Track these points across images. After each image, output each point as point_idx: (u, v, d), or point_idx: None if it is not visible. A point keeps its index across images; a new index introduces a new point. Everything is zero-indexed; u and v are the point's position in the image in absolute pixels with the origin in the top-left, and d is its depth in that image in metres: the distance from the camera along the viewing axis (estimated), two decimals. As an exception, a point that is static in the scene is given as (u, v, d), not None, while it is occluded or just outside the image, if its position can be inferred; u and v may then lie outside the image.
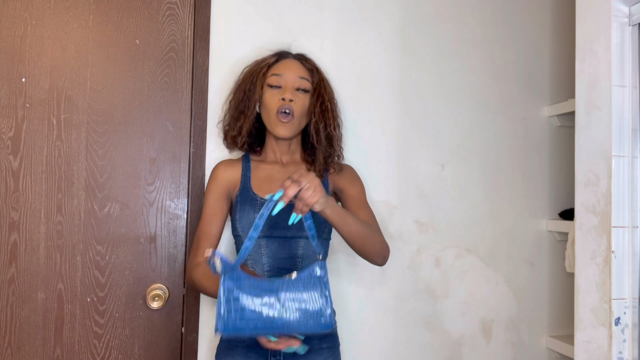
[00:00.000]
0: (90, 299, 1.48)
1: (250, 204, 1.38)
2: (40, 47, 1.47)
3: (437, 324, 1.72)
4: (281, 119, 1.37)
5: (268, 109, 1.39)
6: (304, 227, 1.29)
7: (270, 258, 1.36)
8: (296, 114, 1.39)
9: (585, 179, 1.35)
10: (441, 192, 1.75)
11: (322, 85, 1.44)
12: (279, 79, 1.39)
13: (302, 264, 1.37)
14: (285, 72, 1.40)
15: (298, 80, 1.40)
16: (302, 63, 1.44)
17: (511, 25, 1.84)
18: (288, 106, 1.36)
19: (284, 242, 1.37)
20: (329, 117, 1.43)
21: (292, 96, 1.37)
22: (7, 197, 1.43)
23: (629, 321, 1.26)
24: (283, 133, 1.39)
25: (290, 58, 1.45)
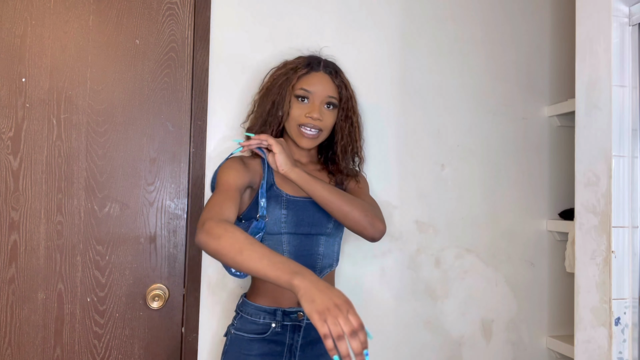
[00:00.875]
0: (90, 299, 1.48)
1: (276, 200, 1.35)
2: (40, 47, 1.47)
3: (437, 324, 1.72)
4: (305, 134, 1.38)
5: (292, 119, 1.39)
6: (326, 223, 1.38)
7: (291, 255, 1.35)
8: (324, 129, 1.40)
9: (585, 179, 1.35)
10: (441, 192, 1.75)
11: (350, 105, 1.45)
12: (307, 94, 1.39)
13: (323, 262, 1.38)
14: (314, 88, 1.39)
15: (326, 99, 1.40)
16: (332, 79, 1.43)
17: (511, 25, 1.84)
18: (315, 125, 1.37)
19: (306, 239, 1.37)
20: (356, 138, 1.46)
21: (319, 115, 1.37)
22: (7, 197, 1.43)
23: (629, 321, 1.26)
24: (307, 145, 1.39)
25: (321, 71, 1.42)
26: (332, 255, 1.41)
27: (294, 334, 1.34)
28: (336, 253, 1.43)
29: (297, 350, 1.33)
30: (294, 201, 1.37)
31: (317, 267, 1.37)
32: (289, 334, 1.33)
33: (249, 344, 1.33)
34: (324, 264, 1.39)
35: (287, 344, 1.33)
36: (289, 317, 1.33)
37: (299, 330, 1.34)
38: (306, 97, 1.39)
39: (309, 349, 1.35)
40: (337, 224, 1.41)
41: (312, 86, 1.39)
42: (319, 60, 1.44)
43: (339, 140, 1.45)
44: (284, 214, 1.34)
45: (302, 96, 1.39)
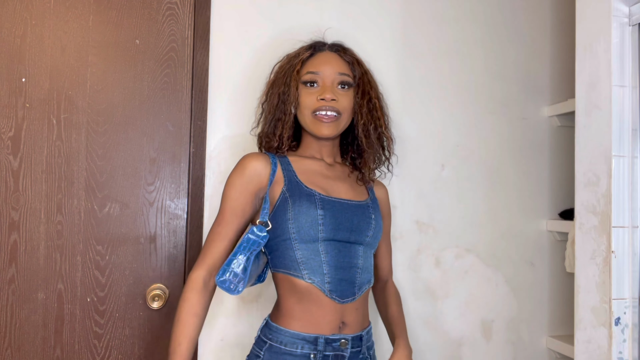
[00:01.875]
0: (90, 299, 1.48)
1: (308, 199, 1.17)
2: (40, 47, 1.47)
3: (437, 324, 1.72)
4: (322, 118, 1.21)
5: (303, 108, 1.23)
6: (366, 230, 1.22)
7: (331, 267, 1.16)
8: (342, 112, 1.23)
9: (585, 179, 1.35)
10: (441, 192, 1.75)
11: (365, 80, 1.27)
12: (315, 77, 1.23)
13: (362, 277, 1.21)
14: (321, 68, 1.23)
15: (338, 77, 1.23)
16: (341, 55, 1.27)
17: (511, 25, 1.84)
18: (330, 107, 1.21)
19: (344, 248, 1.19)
20: (379, 115, 1.27)
21: (333, 95, 1.21)
22: (7, 197, 1.43)
23: (629, 321, 1.26)
24: (326, 132, 1.21)
25: (326, 50, 1.28)
26: (370, 269, 1.24)
27: None
28: (372, 267, 1.25)
29: None
30: (330, 201, 1.19)
31: (356, 283, 1.18)
32: None
33: None
34: (362, 279, 1.20)
35: None
36: (331, 345, 1.14)
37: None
38: (314, 81, 1.23)
39: None
40: (378, 233, 1.25)
41: (319, 67, 1.23)
42: (324, 43, 1.32)
43: (358, 121, 1.26)
44: (321, 214, 1.16)
45: (309, 81, 1.23)
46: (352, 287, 1.18)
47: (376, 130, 1.28)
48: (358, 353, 1.19)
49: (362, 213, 1.22)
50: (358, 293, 1.19)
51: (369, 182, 1.31)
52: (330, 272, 1.15)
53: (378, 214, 1.27)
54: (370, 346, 1.26)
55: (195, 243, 1.54)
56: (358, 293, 1.19)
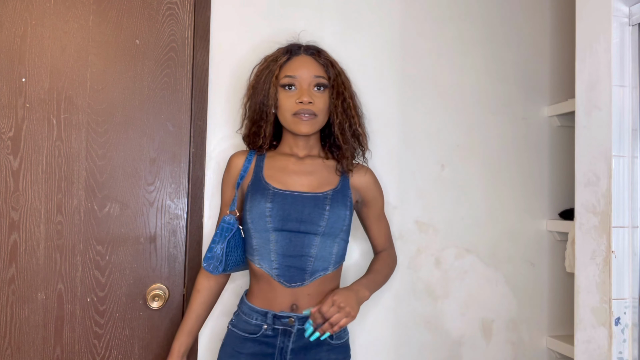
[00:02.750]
0: (90, 299, 1.48)
1: (262, 193, 1.33)
2: (40, 47, 1.47)
3: (437, 324, 1.72)
4: (302, 118, 1.32)
5: (283, 111, 1.34)
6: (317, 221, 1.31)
7: (279, 255, 1.31)
8: (318, 113, 1.34)
9: (585, 179, 1.35)
10: (441, 192, 1.75)
11: (339, 81, 1.37)
12: (292, 80, 1.33)
13: (314, 265, 1.32)
14: (298, 72, 1.33)
15: (314, 80, 1.34)
16: (316, 58, 1.37)
17: (511, 25, 1.84)
18: (308, 110, 1.32)
19: (295, 238, 1.31)
20: (353, 114, 1.38)
21: (309, 97, 1.32)
22: (7, 197, 1.43)
23: (629, 321, 1.26)
24: (305, 130, 1.33)
25: (302, 54, 1.37)
26: (328, 258, 1.34)
27: (285, 337, 1.31)
28: (335, 256, 1.35)
29: (288, 354, 1.31)
30: (282, 195, 1.32)
31: (306, 270, 1.31)
32: (280, 337, 1.31)
33: (242, 342, 1.33)
34: (315, 267, 1.32)
35: (277, 346, 1.31)
36: (280, 321, 1.31)
37: (289, 335, 1.31)
38: (292, 85, 1.33)
39: (302, 354, 1.32)
40: (336, 223, 1.33)
41: (295, 71, 1.33)
42: (299, 45, 1.40)
43: (334, 120, 1.37)
44: (269, 207, 1.30)
45: (287, 84, 1.33)
46: (302, 273, 1.31)
47: (351, 127, 1.38)
48: None
49: (315, 205, 1.32)
50: (309, 279, 1.32)
51: (347, 172, 1.41)
52: (278, 259, 1.31)
53: (338, 205, 1.35)
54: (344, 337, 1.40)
55: (195, 243, 1.54)
56: (309, 279, 1.32)
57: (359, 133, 1.40)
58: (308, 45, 1.40)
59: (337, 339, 1.35)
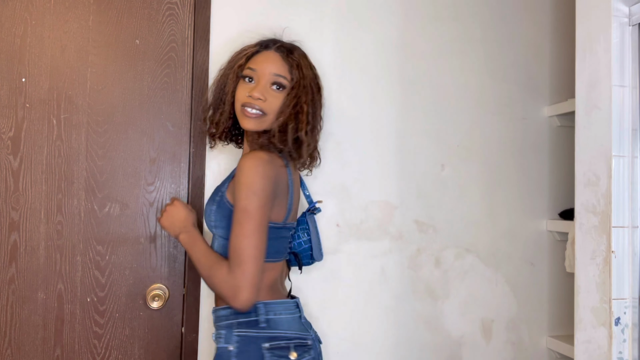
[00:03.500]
0: (90, 299, 1.48)
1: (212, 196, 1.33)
2: (40, 47, 1.47)
3: (437, 324, 1.72)
4: (246, 113, 1.25)
5: (236, 100, 1.29)
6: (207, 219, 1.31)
7: None
8: (268, 112, 1.26)
9: (585, 179, 1.35)
10: (441, 192, 1.75)
11: (301, 84, 1.28)
12: (252, 73, 1.28)
13: None
14: (260, 66, 1.27)
15: (272, 77, 1.26)
16: (284, 57, 1.29)
17: (511, 25, 1.84)
18: (255, 105, 1.25)
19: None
20: (302, 119, 1.26)
21: (261, 95, 1.25)
22: (7, 197, 1.43)
23: (629, 321, 1.26)
24: (248, 126, 1.26)
25: (272, 49, 1.30)
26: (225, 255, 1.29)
27: None
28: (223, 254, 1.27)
29: None
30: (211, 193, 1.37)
31: None
32: None
33: None
34: None
35: None
36: None
37: None
38: (251, 78, 1.28)
39: None
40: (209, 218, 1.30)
41: (258, 64, 1.28)
42: (275, 41, 1.34)
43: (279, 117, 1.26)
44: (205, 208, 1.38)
45: (247, 75, 1.28)
46: None
47: (295, 131, 1.26)
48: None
49: (212, 201, 1.30)
50: None
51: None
52: None
53: (212, 199, 1.30)
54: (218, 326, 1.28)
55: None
56: None
57: (301, 140, 1.26)
58: (283, 43, 1.34)
59: None
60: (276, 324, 1.23)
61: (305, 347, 1.24)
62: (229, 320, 1.24)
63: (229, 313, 1.25)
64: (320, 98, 1.34)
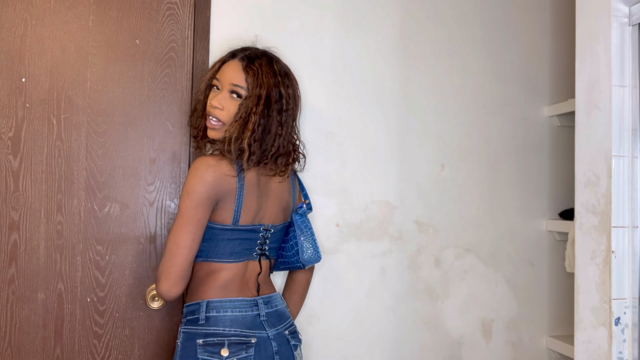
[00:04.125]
0: (90, 299, 1.48)
1: None
2: (40, 47, 1.47)
3: (437, 324, 1.72)
4: (208, 123, 1.35)
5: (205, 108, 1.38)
6: None
7: None
8: (225, 121, 1.32)
9: (585, 179, 1.35)
10: (441, 192, 1.75)
11: (255, 93, 1.30)
12: (217, 82, 1.36)
13: None
14: (222, 75, 1.35)
15: (230, 87, 1.33)
16: (243, 66, 1.33)
17: (511, 25, 1.84)
18: (213, 114, 1.32)
19: None
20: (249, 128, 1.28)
21: (219, 103, 1.31)
22: (7, 197, 1.43)
23: (629, 321, 1.27)
24: (210, 135, 1.35)
25: (236, 59, 1.35)
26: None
27: None
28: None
29: None
30: None
31: None
32: None
33: None
34: None
35: None
36: None
37: None
38: (218, 86, 1.36)
39: None
40: None
41: (221, 74, 1.35)
42: (245, 49, 1.39)
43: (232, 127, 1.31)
44: None
45: (215, 85, 1.37)
46: None
47: (238, 141, 1.28)
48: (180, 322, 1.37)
49: None
50: None
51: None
52: None
53: None
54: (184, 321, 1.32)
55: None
56: None
57: (242, 148, 1.28)
58: (251, 52, 1.37)
59: None
60: (216, 321, 1.28)
61: (244, 344, 1.27)
62: (183, 318, 1.34)
63: (185, 311, 1.34)
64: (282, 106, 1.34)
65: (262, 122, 1.30)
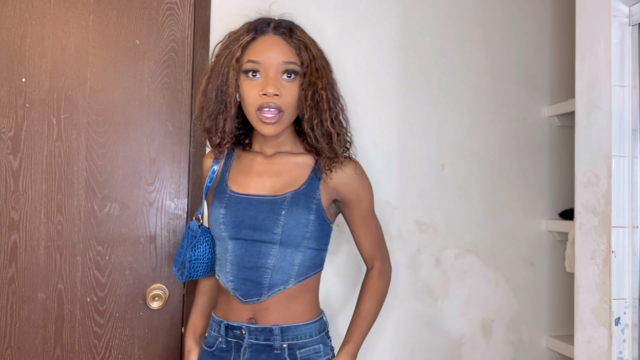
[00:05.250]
0: (90, 299, 1.48)
1: (220, 197, 1.18)
2: (40, 47, 1.47)
3: (437, 324, 1.72)
4: (263, 119, 1.11)
5: (246, 104, 1.13)
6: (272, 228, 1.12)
7: (234, 266, 1.15)
8: (285, 109, 1.12)
9: (585, 179, 1.35)
10: (441, 192, 1.75)
11: (313, 67, 1.13)
12: (256, 66, 1.11)
13: (272, 278, 1.14)
14: (264, 56, 1.10)
15: (282, 66, 1.11)
16: (286, 39, 1.13)
17: (511, 25, 1.84)
18: (272, 103, 1.10)
19: (252, 247, 1.14)
20: (324, 108, 1.13)
21: (275, 89, 1.09)
22: (7, 197, 1.43)
23: (629, 321, 1.27)
24: (268, 132, 1.13)
25: (270, 33, 1.13)
26: (288, 270, 1.14)
27: (238, 353, 1.15)
28: (298, 267, 1.15)
29: None
30: (237, 199, 1.15)
31: (263, 284, 1.14)
32: (234, 352, 1.15)
33: (203, 357, 1.20)
34: (274, 280, 1.14)
35: None
36: (232, 332, 1.15)
37: (241, 350, 1.14)
38: (256, 70, 1.11)
39: None
40: (295, 230, 1.13)
41: (260, 54, 1.10)
42: (268, 22, 1.16)
43: (304, 115, 1.13)
44: (222, 213, 1.15)
45: (251, 70, 1.11)
46: (258, 287, 1.13)
47: (322, 125, 1.14)
48: (269, 347, 1.14)
49: (271, 209, 1.13)
50: (266, 294, 1.14)
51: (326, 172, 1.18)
52: (233, 271, 1.15)
53: (298, 208, 1.14)
54: (297, 345, 1.15)
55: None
56: (266, 294, 1.14)
57: (330, 131, 1.14)
58: (279, 22, 1.17)
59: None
60: None
61: None
62: (321, 333, 1.20)
63: (319, 325, 1.20)
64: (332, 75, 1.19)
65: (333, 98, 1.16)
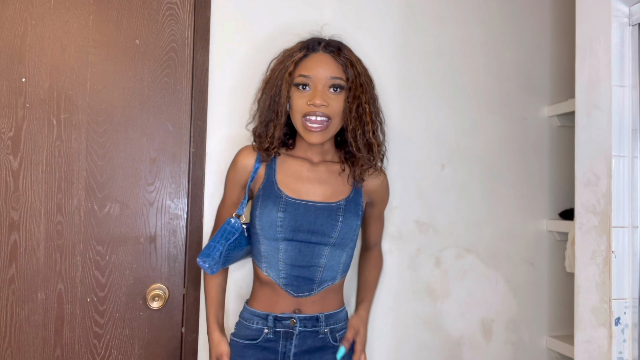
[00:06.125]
0: (90, 299, 1.48)
1: (274, 201, 1.28)
2: (40, 47, 1.47)
3: (437, 324, 1.72)
4: (308, 127, 1.25)
5: (294, 111, 1.27)
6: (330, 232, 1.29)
7: (287, 264, 1.29)
8: (333, 116, 1.26)
9: (585, 179, 1.35)
10: (441, 192, 1.75)
11: (358, 82, 1.27)
12: (306, 80, 1.25)
13: (323, 275, 1.31)
14: (314, 71, 1.25)
15: (329, 81, 1.25)
16: (335, 57, 1.28)
17: (511, 25, 1.84)
18: (320, 113, 1.24)
19: (306, 248, 1.29)
20: (367, 120, 1.28)
21: (323, 100, 1.24)
22: (7, 197, 1.43)
23: (629, 321, 1.27)
24: (315, 140, 1.26)
25: (320, 51, 1.28)
26: (337, 267, 1.33)
27: (287, 341, 1.30)
28: (343, 265, 1.35)
29: (291, 359, 1.30)
30: (295, 204, 1.29)
31: (315, 280, 1.30)
32: (282, 341, 1.30)
33: (242, 351, 1.30)
34: (324, 277, 1.31)
35: (280, 351, 1.29)
36: (281, 323, 1.29)
37: (291, 338, 1.30)
38: (306, 84, 1.26)
39: (305, 358, 1.30)
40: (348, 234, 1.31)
41: (311, 70, 1.25)
42: (319, 41, 1.31)
43: (348, 126, 1.28)
44: (280, 217, 1.27)
45: (301, 83, 1.26)
46: (310, 283, 1.30)
47: (364, 135, 1.29)
48: (315, 333, 1.32)
49: (329, 215, 1.29)
50: (317, 289, 1.31)
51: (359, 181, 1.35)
52: (285, 269, 1.29)
53: (351, 215, 1.33)
54: (336, 329, 1.36)
55: (195, 243, 1.54)
56: (317, 289, 1.31)
57: (371, 142, 1.30)
58: (329, 42, 1.31)
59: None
60: None
61: None
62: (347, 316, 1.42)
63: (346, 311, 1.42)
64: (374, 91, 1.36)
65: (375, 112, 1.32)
